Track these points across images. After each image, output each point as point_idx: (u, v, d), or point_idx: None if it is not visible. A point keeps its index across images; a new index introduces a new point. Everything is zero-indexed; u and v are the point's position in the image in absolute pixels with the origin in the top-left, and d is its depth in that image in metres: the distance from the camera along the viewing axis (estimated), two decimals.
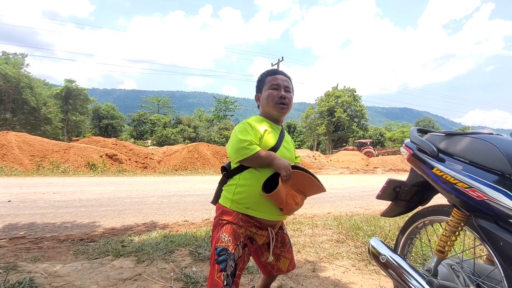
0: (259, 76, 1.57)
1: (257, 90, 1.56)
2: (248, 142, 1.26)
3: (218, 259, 1.22)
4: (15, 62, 31.51)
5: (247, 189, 1.30)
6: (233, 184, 1.34)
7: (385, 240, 2.94)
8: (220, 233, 1.28)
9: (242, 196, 1.30)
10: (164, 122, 47.84)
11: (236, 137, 1.30)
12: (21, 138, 12.32)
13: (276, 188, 1.21)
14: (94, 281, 2.00)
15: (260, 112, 1.53)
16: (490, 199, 0.99)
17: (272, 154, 1.30)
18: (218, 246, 1.25)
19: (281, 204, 1.27)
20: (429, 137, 1.39)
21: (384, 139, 49.48)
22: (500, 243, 0.97)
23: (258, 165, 1.31)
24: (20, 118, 30.69)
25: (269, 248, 1.42)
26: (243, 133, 1.31)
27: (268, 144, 1.36)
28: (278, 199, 1.25)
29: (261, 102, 1.51)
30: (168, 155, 14.89)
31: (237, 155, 1.28)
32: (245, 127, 1.34)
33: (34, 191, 6.26)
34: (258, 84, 1.55)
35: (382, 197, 1.56)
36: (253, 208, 1.30)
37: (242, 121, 1.41)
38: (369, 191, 7.80)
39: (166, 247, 2.67)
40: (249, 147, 1.26)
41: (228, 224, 1.30)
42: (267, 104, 1.45)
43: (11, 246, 2.86)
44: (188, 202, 5.48)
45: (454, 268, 1.27)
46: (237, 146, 1.28)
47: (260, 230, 1.36)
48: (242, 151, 1.26)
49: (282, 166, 1.26)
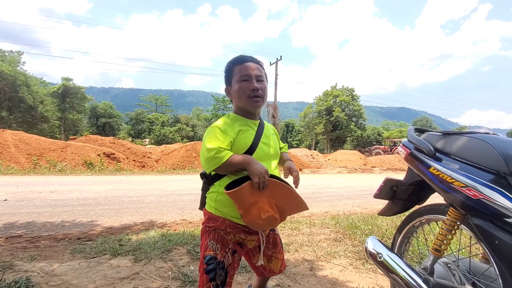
0: (225, 66, 1.37)
1: (226, 82, 1.38)
2: (216, 150, 1.14)
3: (207, 268, 1.18)
4: (11, 60, 31.26)
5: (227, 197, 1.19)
6: (214, 192, 1.26)
7: (383, 239, 2.95)
8: (208, 241, 1.23)
9: (223, 204, 1.22)
10: (162, 121, 47.73)
11: (204, 146, 1.18)
12: (18, 136, 12.24)
13: (238, 187, 1.09)
14: (91, 280, 1.99)
15: (234, 108, 1.38)
16: (486, 198, 1.00)
17: (246, 159, 1.17)
18: (206, 255, 1.21)
19: (241, 208, 1.13)
20: (426, 136, 1.39)
21: (382, 138, 49.64)
22: (495, 241, 0.98)
23: (232, 172, 1.20)
24: (17, 116, 30.48)
25: (260, 251, 1.36)
26: (211, 140, 1.18)
27: (243, 145, 1.24)
28: (238, 200, 1.12)
29: (232, 97, 1.35)
30: (166, 154, 14.85)
31: (208, 165, 1.17)
32: (214, 132, 1.21)
33: (31, 190, 6.22)
34: (226, 76, 1.37)
35: (380, 196, 1.57)
36: (235, 216, 1.22)
37: (212, 125, 1.26)
38: (366, 190, 7.83)
39: (163, 246, 2.67)
40: (217, 155, 1.13)
41: (215, 230, 1.24)
42: (239, 99, 1.30)
43: (7, 245, 2.84)
44: (186, 201, 5.48)
45: (450, 267, 1.28)
46: (206, 156, 1.16)
47: (250, 235, 1.29)
48: (211, 161, 1.15)
49: (256, 172, 1.11)
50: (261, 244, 1.34)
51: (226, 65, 1.37)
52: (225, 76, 1.38)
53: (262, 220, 1.12)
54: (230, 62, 1.36)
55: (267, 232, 1.39)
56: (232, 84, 1.32)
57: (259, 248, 1.37)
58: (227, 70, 1.36)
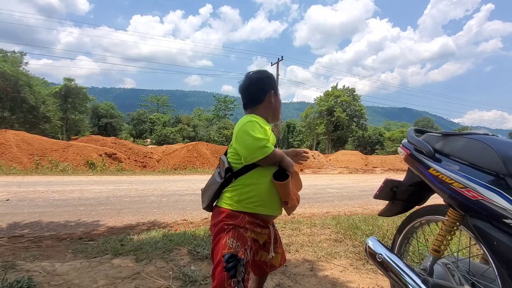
0: (271, 75, 1.53)
1: (273, 88, 1.49)
2: (266, 140, 1.26)
3: (228, 266, 1.19)
4: (14, 60, 31.36)
5: (256, 188, 1.29)
6: (240, 184, 1.30)
7: (383, 239, 2.95)
8: (227, 239, 1.24)
9: (251, 195, 1.29)
10: (163, 121, 47.79)
11: (252, 136, 1.25)
12: (20, 136, 12.30)
13: (288, 178, 1.27)
14: (93, 279, 2.01)
15: (263, 110, 1.45)
16: (485, 199, 1.01)
17: (281, 152, 1.33)
18: (226, 253, 1.21)
19: (287, 197, 1.31)
20: (426, 137, 1.40)
21: (384, 139, 49.53)
22: (494, 242, 0.99)
23: (270, 163, 1.31)
24: (19, 116, 30.57)
25: (265, 247, 1.44)
26: (256, 132, 1.26)
27: (273, 142, 1.37)
28: (286, 190, 1.29)
29: (274, 103, 1.47)
30: (167, 154, 14.89)
31: (256, 154, 1.24)
32: (255, 126, 1.29)
33: (33, 189, 6.25)
34: (275, 84, 1.51)
35: (380, 196, 1.58)
36: (263, 206, 1.30)
37: (249, 120, 1.32)
38: (367, 190, 7.82)
39: (165, 246, 2.68)
40: (267, 145, 1.25)
41: (234, 228, 1.27)
42: (277, 110, 1.49)
43: (9, 245, 2.86)
44: (187, 201, 5.49)
45: (449, 267, 1.29)
46: (255, 146, 1.24)
47: (263, 229, 1.37)
48: (261, 150, 1.24)
49: (290, 164, 1.32)
50: (271, 238, 1.43)
51: (273, 76, 1.55)
52: (274, 82, 1.52)
53: (298, 202, 1.40)
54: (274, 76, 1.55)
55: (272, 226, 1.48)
56: (278, 96, 1.50)
57: (264, 245, 1.44)
58: (275, 80, 1.53)
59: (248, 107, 1.48)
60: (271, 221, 1.42)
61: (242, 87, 1.50)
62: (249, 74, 1.52)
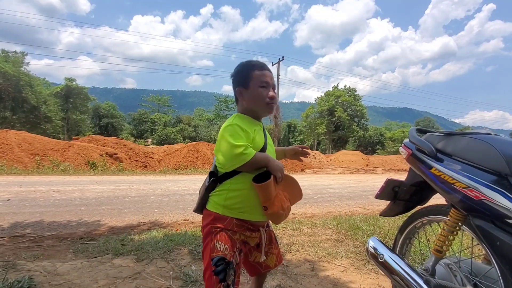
0: (240, 67, 1.37)
1: (239, 83, 1.35)
2: (244, 146, 1.17)
3: (216, 269, 1.17)
4: (15, 61, 31.44)
5: (241, 193, 1.24)
6: (224, 190, 1.25)
7: (384, 239, 2.94)
8: (215, 242, 1.22)
9: (235, 201, 1.24)
10: (164, 121, 47.87)
11: (229, 142, 1.18)
12: (21, 136, 12.33)
13: (268, 180, 1.15)
14: (94, 279, 2.01)
15: (242, 109, 1.37)
16: (487, 199, 1.00)
17: (266, 156, 1.24)
18: (214, 256, 1.19)
19: (267, 202, 1.20)
20: (428, 137, 1.39)
21: (384, 139, 49.46)
22: (496, 242, 0.98)
23: (253, 169, 1.23)
24: (20, 116, 30.65)
25: (258, 248, 1.38)
26: (235, 137, 1.19)
27: (259, 145, 1.28)
28: (266, 194, 1.18)
29: (246, 99, 1.34)
30: (168, 154, 14.90)
31: (233, 162, 1.18)
32: (235, 130, 1.21)
33: (34, 189, 6.27)
34: (241, 77, 1.36)
35: (381, 196, 1.57)
36: (248, 212, 1.25)
37: (229, 123, 1.26)
38: (368, 190, 7.81)
39: (165, 246, 2.68)
40: (245, 152, 1.16)
41: (222, 231, 1.23)
42: (256, 103, 1.33)
43: (10, 244, 2.86)
44: (188, 201, 5.49)
45: (451, 268, 1.28)
46: (232, 153, 1.17)
47: (253, 232, 1.32)
48: (238, 158, 1.16)
49: (277, 168, 1.22)
50: (263, 241, 1.36)
51: (242, 67, 1.37)
52: (239, 77, 1.36)
53: (284, 210, 1.24)
54: (249, 65, 1.36)
55: (265, 228, 1.40)
56: (250, 87, 1.32)
57: (257, 246, 1.39)
58: (243, 72, 1.36)
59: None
60: (262, 225, 1.36)
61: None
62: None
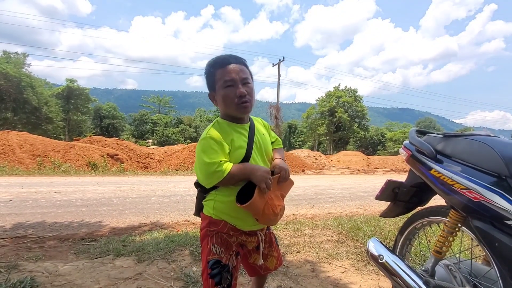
0: (206, 69, 1.25)
1: (209, 87, 1.26)
2: (217, 164, 1.10)
3: (212, 272, 1.16)
4: (16, 62, 31.57)
5: (227, 205, 1.19)
6: (211, 200, 1.22)
7: (385, 240, 2.94)
8: (211, 245, 1.20)
9: (224, 211, 1.21)
10: (165, 122, 47.95)
11: (202, 160, 1.12)
12: (23, 137, 12.37)
13: (250, 200, 1.12)
14: (95, 280, 2.01)
15: (221, 113, 1.29)
16: (487, 200, 1.00)
17: (247, 168, 1.16)
18: (210, 259, 1.18)
19: (257, 215, 1.18)
20: (427, 138, 1.40)
21: (385, 139, 49.41)
22: (495, 243, 0.99)
23: (234, 183, 1.17)
24: (22, 117, 30.74)
25: (258, 250, 1.36)
26: (208, 153, 1.12)
27: (240, 154, 1.19)
28: (253, 209, 1.15)
29: (218, 103, 1.25)
30: (169, 155, 14.92)
31: (209, 180, 1.14)
32: (208, 144, 1.13)
33: (36, 190, 6.28)
34: (208, 80, 1.25)
35: (381, 197, 1.58)
36: (239, 220, 1.22)
37: (203, 136, 1.17)
38: (369, 191, 7.80)
39: (166, 246, 2.69)
40: (219, 169, 1.10)
41: (218, 234, 1.21)
42: (226, 106, 1.21)
43: (12, 245, 2.88)
44: (189, 202, 5.49)
45: (451, 269, 1.28)
46: (206, 171, 1.12)
47: (250, 236, 1.30)
48: (213, 176, 1.11)
49: (260, 179, 1.13)
50: (261, 244, 1.34)
51: (206, 67, 1.25)
52: (207, 81, 1.26)
53: (276, 215, 1.22)
54: (210, 65, 1.23)
55: (263, 231, 1.38)
56: (217, 90, 1.22)
57: (257, 248, 1.37)
58: (208, 74, 1.24)
59: None
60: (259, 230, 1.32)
61: None
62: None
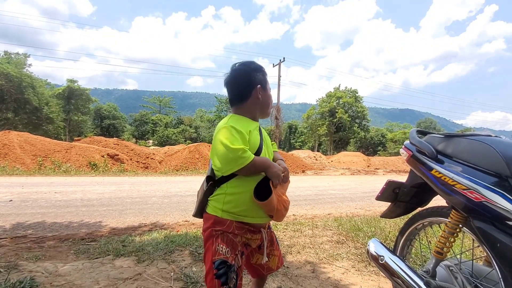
0: (260, 66, 1.36)
1: (260, 82, 1.33)
2: (241, 150, 1.12)
3: (218, 273, 1.16)
4: (17, 62, 31.64)
5: (238, 197, 1.21)
6: (222, 194, 1.23)
7: (385, 241, 2.94)
8: (216, 245, 1.20)
9: (233, 204, 1.21)
10: (165, 122, 47.96)
11: (225, 145, 1.13)
12: (23, 137, 12.38)
13: (270, 197, 1.16)
14: (95, 280, 2.01)
15: (242, 110, 1.33)
16: (488, 201, 1.00)
17: (266, 161, 1.21)
18: (216, 259, 1.18)
19: (272, 211, 1.21)
20: (428, 138, 1.39)
21: (386, 140, 49.39)
22: (497, 244, 0.98)
23: (250, 174, 1.20)
24: (22, 117, 30.79)
25: (260, 250, 1.37)
26: (231, 140, 1.14)
27: (255, 146, 1.24)
28: (270, 205, 1.19)
29: (260, 101, 1.33)
30: (169, 155, 14.91)
31: (231, 165, 1.14)
32: (230, 132, 1.16)
33: (36, 190, 6.28)
34: (263, 78, 1.35)
35: (382, 198, 1.57)
36: (245, 215, 1.23)
37: (224, 125, 1.20)
38: (370, 192, 7.79)
39: (166, 247, 2.68)
40: (243, 155, 1.12)
41: (223, 234, 1.22)
42: (265, 106, 1.35)
43: (12, 245, 2.87)
44: (189, 202, 5.49)
45: (452, 270, 1.28)
46: (229, 156, 1.13)
47: (254, 234, 1.31)
48: (236, 161, 1.12)
49: (276, 175, 1.19)
50: (264, 241, 1.35)
51: (260, 66, 1.37)
52: (262, 75, 1.35)
53: (286, 210, 1.28)
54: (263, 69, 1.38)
55: (265, 229, 1.39)
56: (266, 89, 1.36)
57: (259, 248, 1.38)
58: (264, 72, 1.37)
59: (234, 104, 1.35)
60: (263, 226, 1.34)
61: (227, 81, 1.35)
62: (234, 66, 1.36)
